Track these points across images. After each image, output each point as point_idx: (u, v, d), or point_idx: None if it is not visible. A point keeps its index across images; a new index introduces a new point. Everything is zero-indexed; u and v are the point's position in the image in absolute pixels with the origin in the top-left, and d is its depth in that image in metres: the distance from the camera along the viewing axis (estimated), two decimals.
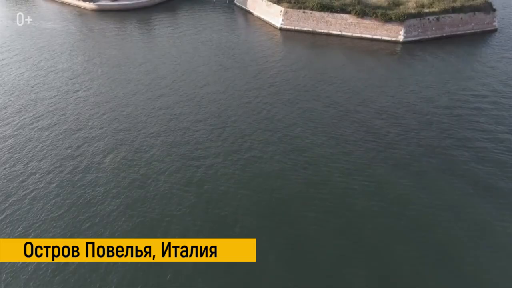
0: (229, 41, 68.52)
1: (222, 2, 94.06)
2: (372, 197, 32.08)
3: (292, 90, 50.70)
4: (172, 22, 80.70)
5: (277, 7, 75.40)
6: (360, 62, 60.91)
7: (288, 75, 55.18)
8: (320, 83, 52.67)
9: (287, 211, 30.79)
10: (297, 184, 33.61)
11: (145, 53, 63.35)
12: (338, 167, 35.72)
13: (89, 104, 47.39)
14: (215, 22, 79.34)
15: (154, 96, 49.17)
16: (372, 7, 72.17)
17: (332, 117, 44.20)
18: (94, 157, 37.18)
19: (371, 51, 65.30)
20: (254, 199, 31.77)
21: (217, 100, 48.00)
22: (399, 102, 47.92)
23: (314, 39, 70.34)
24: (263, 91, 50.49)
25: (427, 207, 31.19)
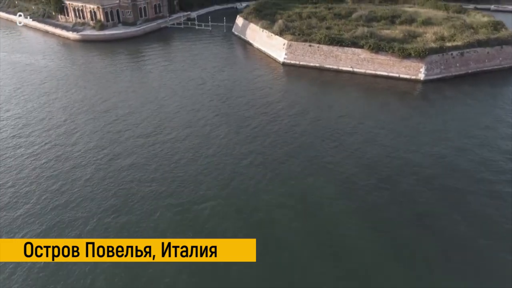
0: (225, 79, 60.16)
1: (219, 31, 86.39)
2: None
3: (296, 151, 41.83)
4: (164, 54, 72.65)
5: (279, 39, 67.39)
6: (375, 105, 52.48)
7: (291, 126, 46.30)
8: (330, 135, 43.87)
9: None
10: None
11: (127, 95, 54.82)
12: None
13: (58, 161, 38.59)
14: (210, 55, 71.24)
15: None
16: (386, 39, 64.24)
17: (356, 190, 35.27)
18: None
19: (387, 91, 56.98)
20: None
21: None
22: (424, 155, 39.25)
23: (321, 76, 62.10)
24: (259, 151, 41.64)
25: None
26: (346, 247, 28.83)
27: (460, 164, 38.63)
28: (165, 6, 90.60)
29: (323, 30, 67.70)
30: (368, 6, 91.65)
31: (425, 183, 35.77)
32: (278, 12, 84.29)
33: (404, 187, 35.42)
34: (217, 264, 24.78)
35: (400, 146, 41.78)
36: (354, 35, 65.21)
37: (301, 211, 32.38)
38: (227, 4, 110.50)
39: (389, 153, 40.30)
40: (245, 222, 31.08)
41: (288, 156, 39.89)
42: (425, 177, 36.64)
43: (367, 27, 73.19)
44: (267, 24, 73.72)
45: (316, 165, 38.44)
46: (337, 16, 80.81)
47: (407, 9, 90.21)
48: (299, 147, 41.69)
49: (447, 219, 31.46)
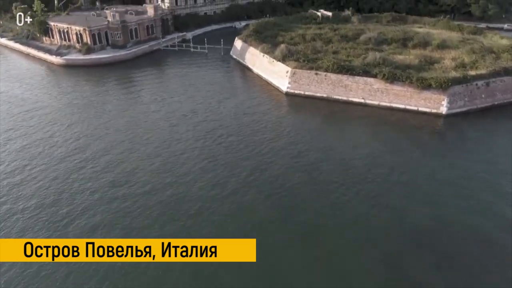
0: (220, 112, 53.29)
1: (216, 54, 79.91)
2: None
3: (299, 205, 34.66)
4: (154, 82, 65.89)
5: (282, 66, 60.72)
6: (390, 143, 45.94)
7: (294, 174, 39.27)
8: (342, 182, 36.79)
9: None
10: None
11: (105, 132, 47.78)
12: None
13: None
14: (205, 83, 64.49)
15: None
16: (400, 66, 57.63)
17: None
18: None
19: (404, 127, 50.23)
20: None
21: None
22: (445, 222, 32.03)
23: (329, 108, 55.31)
24: (252, 211, 34.45)
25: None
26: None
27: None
28: (158, 27, 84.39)
29: (330, 57, 61.04)
30: (375, 26, 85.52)
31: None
32: (279, 34, 78.03)
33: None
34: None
35: (416, 206, 34.66)
36: (365, 61, 58.60)
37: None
38: (225, 24, 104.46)
39: (401, 219, 33.07)
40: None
41: (289, 215, 32.72)
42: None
43: (377, 51, 67.00)
44: (268, 48, 67.23)
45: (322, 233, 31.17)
46: (343, 39, 74.48)
47: (418, 29, 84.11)
48: (303, 201, 34.65)
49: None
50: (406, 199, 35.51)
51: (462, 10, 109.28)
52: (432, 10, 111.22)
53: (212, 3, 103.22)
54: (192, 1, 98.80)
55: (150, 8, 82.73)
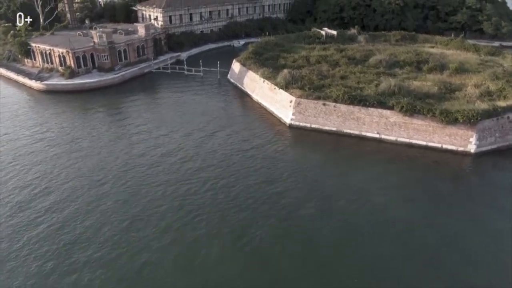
0: (213, 150, 46.50)
1: (212, 77, 73.39)
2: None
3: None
4: (141, 111, 59.01)
5: (285, 95, 54.02)
6: (408, 189, 39.14)
7: (292, 236, 32.28)
8: (344, 250, 29.69)
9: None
10: None
11: (73, 176, 40.78)
12: None
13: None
14: (199, 112, 57.81)
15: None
16: (419, 95, 51.04)
17: None
18: None
19: (426, 168, 43.59)
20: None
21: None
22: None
23: (339, 144, 48.55)
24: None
25: None
26: None
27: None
28: (150, 47, 78.05)
29: (338, 82, 54.39)
30: (384, 46, 79.13)
31: None
32: (281, 56, 71.62)
33: None
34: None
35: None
36: (378, 90, 51.86)
37: None
38: (222, 42, 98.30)
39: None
40: None
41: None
42: None
43: (389, 75, 60.62)
44: (268, 72, 60.65)
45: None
46: (351, 61, 68.01)
47: (430, 50, 77.94)
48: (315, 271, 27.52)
49: None
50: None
51: (474, 28, 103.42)
52: (442, 28, 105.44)
53: (209, 21, 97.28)
54: (188, 19, 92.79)
55: (141, 28, 76.50)
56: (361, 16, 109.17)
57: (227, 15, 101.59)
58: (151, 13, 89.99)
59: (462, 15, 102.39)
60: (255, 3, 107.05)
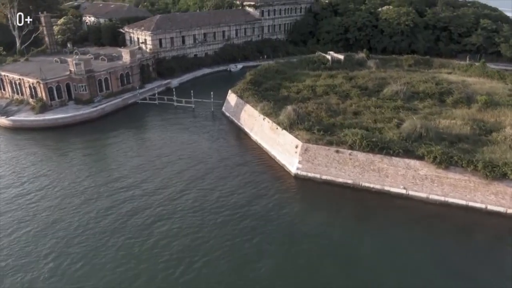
0: (203, 210, 37.35)
1: (204, 109, 64.77)
2: None
3: None
4: (118, 153, 50.01)
5: (289, 138, 45.14)
6: (446, 264, 29.71)
7: None
8: None
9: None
10: None
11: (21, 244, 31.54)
12: None
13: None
14: (186, 154, 49.10)
15: None
16: (450, 138, 42.33)
17: None
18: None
19: (466, 232, 34.86)
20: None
21: None
22: None
23: (356, 200, 39.51)
24: None
25: None
26: None
27: None
28: (136, 75, 69.60)
29: (354, 127, 45.55)
30: (398, 73, 71.00)
31: None
32: (283, 85, 63.31)
33: None
34: None
35: None
36: (402, 132, 43.06)
37: None
38: (218, 67, 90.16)
39: None
40: None
41: None
42: None
43: (409, 110, 52.30)
44: (269, 107, 52.05)
45: None
46: (363, 92, 59.58)
47: (449, 77, 69.86)
48: None
49: None
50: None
51: (490, 50, 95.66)
52: (455, 50, 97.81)
53: (203, 43, 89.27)
54: (180, 42, 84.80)
55: (126, 53, 68.23)
56: (368, 38, 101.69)
57: (223, 37, 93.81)
58: (139, 36, 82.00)
59: (477, 37, 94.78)
60: (253, 24, 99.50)
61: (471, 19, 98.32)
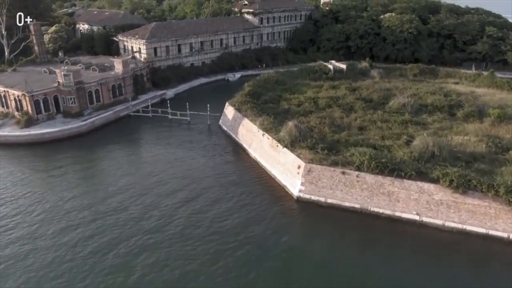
0: (194, 238, 33.89)
1: (201, 122, 61.46)
2: None
3: None
4: (105, 173, 46.63)
5: (291, 157, 41.77)
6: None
7: None
8: None
9: None
10: None
11: None
12: None
13: None
14: (179, 173, 45.71)
15: None
16: (464, 157, 39.03)
17: None
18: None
19: (486, 263, 31.52)
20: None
21: None
22: None
23: (365, 226, 36.09)
24: None
25: None
26: None
27: None
28: (129, 85, 66.33)
29: (361, 145, 42.24)
30: (403, 83, 68.02)
31: None
32: (283, 97, 60.13)
33: None
34: None
35: None
36: (413, 152, 39.70)
37: None
38: (216, 76, 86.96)
39: None
40: None
41: None
42: None
43: (417, 124, 49.19)
44: (269, 122, 48.76)
45: None
46: (368, 104, 56.32)
47: (457, 87, 66.80)
48: None
49: None
50: None
51: (496, 58, 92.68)
52: (460, 58, 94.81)
53: (200, 52, 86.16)
54: (176, 50, 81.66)
55: (118, 63, 64.98)
56: (370, 46, 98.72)
57: (221, 45, 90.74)
58: (133, 45, 78.86)
59: (483, 45, 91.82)
60: (252, 31, 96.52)
61: (476, 26, 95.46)
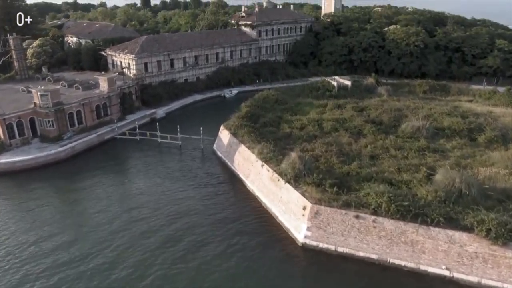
0: None
1: (193, 146, 55.84)
2: None
3: None
4: (90, 202, 40.77)
5: (295, 195, 35.96)
6: None
7: None
8: None
9: None
10: None
11: None
12: None
13: None
14: (166, 209, 39.75)
15: None
16: (496, 195, 33.27)
17: None
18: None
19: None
20: None
21: None
22: None
23: (383, 281, 30.14)
24: None
25: None
26: None
27: None
28: (115, 105, 60.73)
29: (376, 182, 36.55)
30: (412, 102, 62.60)
31: None
32: (284, 118, 54.65)
33: None
34: None
35: None
36: (438, 190, 33.93)
37: None
38: (211, 92, 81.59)
39: None
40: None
41: None
42: None
43: (435, 152, 43.78)
44: (269, 151, 43.02)
45: None
46: (378, 128, 50.65)
47: (472, 107, 61.55)
48: None
49: None
50: None
51: (508, 73, 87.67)
52: (469, 72, 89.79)
53: (194, 67, 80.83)
54: (168, 65, 76.35)
55: (103, 81, 59.47)
56: (374, 59, 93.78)
57: (217, 60, 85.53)
58: (122, 60, 73.47)
59: (494, 59, 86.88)
60: (250, 44, 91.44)
61: (486, 39, 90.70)
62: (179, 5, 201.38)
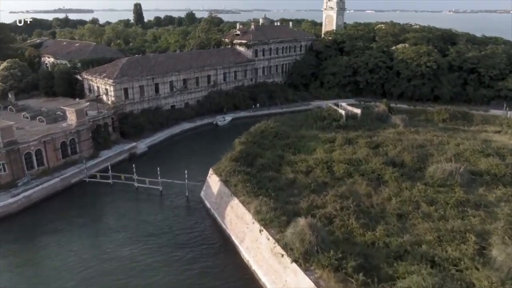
0: None
1: (176, 193, 46.26)
2: None
3: None
4: (30, 280, 31.04)
5: (305, 281, 26.46)
6: None
7: None
8: None
9: None
10: None
11: None
12: None
13: None
14: (137, 282, 30.00)
15: None
16: None
17: None
18: None
19: None
20: None
21: None
22: None
23: None
24: None
25: None
26: None
27: None
28: (85, 141, 51.38)
29: (410, 262, 27.18)
30: (435, 135, 53.79)
31: None
32: (286, 159, 45.40)
33: None
34: None
35: None
36: (501, 277, 24.55)
37: None
38: (202, 119, 72.58)
39: None
40: None
41: None
42: None
43: (477, 207, 34.77)
44: (268, 209, 33.60)
45: None
46: (401, 173, 41.31)
47: (503, 139, 52.91)
48: None
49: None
50: None
51: None
52: (487, 96, 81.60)
53: (183, 92, 71.92)
54: (152, 91, 67.41)
55: (71, 113, 50.24)
56: (382, 81, 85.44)
57: (209, 83, 76.76)
58: (100, 85, 64.43)
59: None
60: (245, 65, 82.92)
61: (504, 59, 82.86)
62: (174, 21, 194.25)
